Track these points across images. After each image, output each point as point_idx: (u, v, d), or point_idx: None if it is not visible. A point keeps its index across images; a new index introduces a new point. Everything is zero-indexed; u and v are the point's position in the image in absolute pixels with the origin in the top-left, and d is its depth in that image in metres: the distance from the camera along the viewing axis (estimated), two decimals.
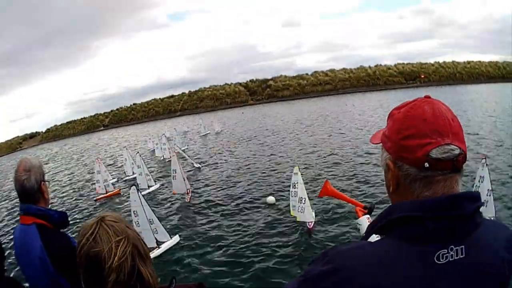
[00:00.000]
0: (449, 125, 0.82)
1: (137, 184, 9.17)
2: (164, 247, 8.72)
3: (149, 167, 17.91)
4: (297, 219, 8.60)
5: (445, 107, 0.85)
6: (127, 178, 18.26)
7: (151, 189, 14.88)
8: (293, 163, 16.13)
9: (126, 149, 19.73)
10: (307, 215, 8.44)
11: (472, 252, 0.80)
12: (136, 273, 1.05)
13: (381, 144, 0.95)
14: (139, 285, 1.05)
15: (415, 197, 0.84)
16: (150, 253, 6.01)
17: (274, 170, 15.87)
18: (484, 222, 0.85)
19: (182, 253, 8.69)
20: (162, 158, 22.45)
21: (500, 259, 0.84)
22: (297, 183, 8.49)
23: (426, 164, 0.80)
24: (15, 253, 1.91)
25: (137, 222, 8.53)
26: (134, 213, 8.53)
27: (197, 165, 18.08)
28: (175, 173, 12.64)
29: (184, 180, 12.89)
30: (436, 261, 0.78)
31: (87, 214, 13.58)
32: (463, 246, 0.79)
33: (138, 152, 16.39)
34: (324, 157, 17.40)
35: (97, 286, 1.03)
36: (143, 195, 8.78)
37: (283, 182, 13.35)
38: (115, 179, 18.77)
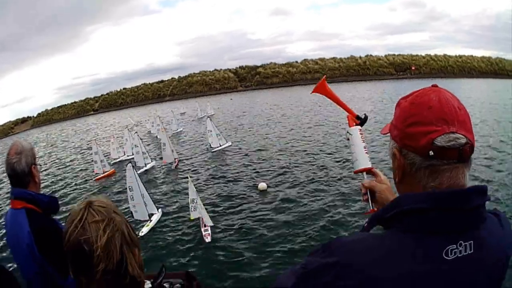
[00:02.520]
0: (455, 113, 0.79)
1: (135, 163, 9.84)
2: (154, 220, 9.69)
3: (146, 146, 19.20)
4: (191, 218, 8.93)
5: (451, 95, 0.82)
6: (127, 158, 18.63)
7: (148, 166, 16.00)
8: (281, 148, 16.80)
9: (128, 130, 20.33)
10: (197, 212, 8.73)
11: (480, 247, 0.78)
12: (126, 262, 1.00)
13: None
14: (128, 273, 1.00)
15: (421, 187, 0.82)
16: (145, 226, 7.89)
17: (263, 156, 16.08)
18: (489, 217, 0.83)
19: (162, 228, 9.40)
20: (156, 136, 24.24)
21: (505, 256, 0.84)
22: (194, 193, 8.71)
23: (431, 152, 0.78)
24: (6, 238, 1.90)
25: (131, 197, 9.44)
26: (129, 188, 9.44)
27: (227, 143, 18.65)
28: (165, 145, 15.45)
29: (173, 151, 15.48)
30: (445, 257, 0.75)
31: (88, 194, 13.87)
32: (471, 242, 0.77)
33: (136, 132, 17.32)
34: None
35: (86, 275, 0.97)
36: (139, 173, 9.99)
37: (274, 166, 13.90)
38: (118, 158, 19.30)
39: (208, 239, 8.37)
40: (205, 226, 8.72)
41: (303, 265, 0.85)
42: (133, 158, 16.72)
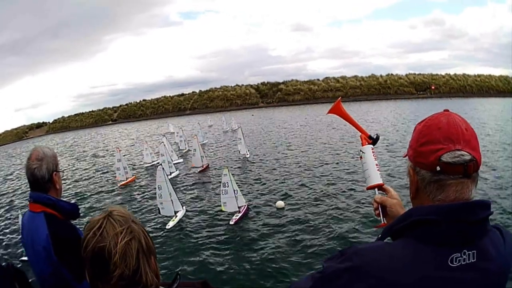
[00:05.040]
0: (462, 134, 0.88)
1: (163, 168, 11.16)
2: (179, 216, 10.77)
3: (172, 155, 20.12)
4: (223, 209, 10.34)
5: (460, 118, 0.92)
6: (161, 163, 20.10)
7: (173, 175, 17.04)
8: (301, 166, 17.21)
9: (166, 138, 21.52)
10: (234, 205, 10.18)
11: (483, 257, 0.85)
12: (141, 269, 1.04)
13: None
14: (142, 280, 1.04)
15: (431, 200, 0.91)
16: (171, 220, 10.71)
17: (282, 171, 16.59)
18: (492, 230, 0.92)
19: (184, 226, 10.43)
20: (179, 148, 25.63)
21: (507, 268, 0.91)
22: (227, 182, 10.03)
23: (438, 168, 0.87)
24: (21, 238, 1.91)
25: (160, 195, 10.48)
26: (158, 187, 10.45)
27: (246, 153, 20.53)
28: (195, 151, 17.35)
29: (202, 157, 17.53)
30: (450, 264, 0.83)
31: (113, 199, 14.93)
32: (475, 251, 0.84)
33: (162, 142, 18.56)
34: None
35: (102, 281, 1.03)
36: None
37: (291, 181, 14.39)
38: (150, 163, 20.54)
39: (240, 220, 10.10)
40: (239, 211, 10.28)
41: (322, 269, 0.95)
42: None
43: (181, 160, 20.13)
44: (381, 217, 1.25)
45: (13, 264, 1.85)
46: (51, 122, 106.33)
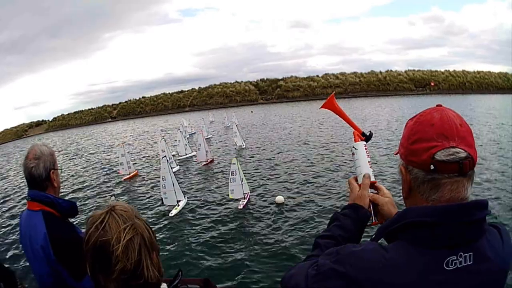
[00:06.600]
0: (456, 130, 0.84)
1: (167, 160, 11.66)
2: (181, 205, 11.40)
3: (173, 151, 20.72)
4: (231, 196, 11.08)
5: (454, 113, 0.89)
6: (180, 157, 20.52)
7: (174, 170, 17.01)
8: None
9: (181, 132, 22.08)
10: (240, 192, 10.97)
11: (480, 259, 0.82)
12: (143, 263, 1.04)
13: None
14: (144, 275, 1.04)
15: (425, 201, 0.88)
16: (174, 209, 11.25)
17: (281, 167, 16.56)
18: (489, 229, 0.89)
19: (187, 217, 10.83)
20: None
21: (504, 268, 0.88)
22: (235, 171, 10.84)
23: (432, 167, 0.84)
24: (20, 237, 1.91)
25: (163, 185, 11.06)
26: (162, 178, 11.05)
27: (242, 144, 21.91)
28: (200, 146, 17.79)
29: (207, 152, 18.02)
30: (446, 267, 0.80)
31: (115, 192, 15.16)
32: (471, 253, 0.82)
33: (163, 138, 18.85)
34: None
35: (103, 274, 1.03)
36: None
37: (290, 177, 14.35)
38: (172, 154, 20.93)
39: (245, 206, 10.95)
40: (244, 198, 11.11)
41: (316, 266, 0.92)
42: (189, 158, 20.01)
43: (194, 153, 20.22)
44: (373, 215, 1.24)
45: (1, 264, 1.95)
46: (50, 120, 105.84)
